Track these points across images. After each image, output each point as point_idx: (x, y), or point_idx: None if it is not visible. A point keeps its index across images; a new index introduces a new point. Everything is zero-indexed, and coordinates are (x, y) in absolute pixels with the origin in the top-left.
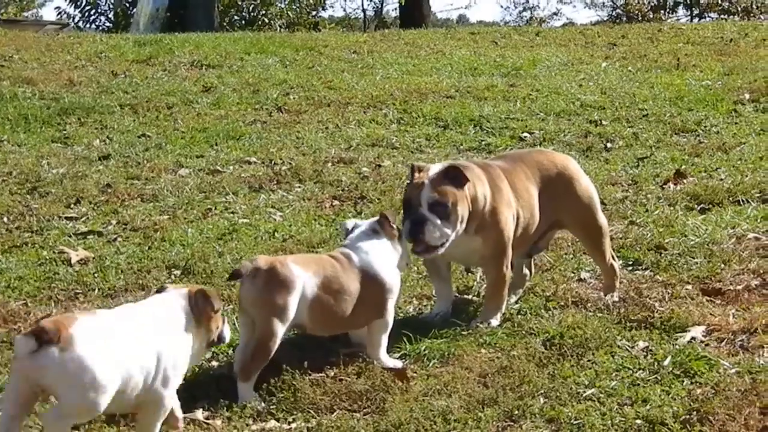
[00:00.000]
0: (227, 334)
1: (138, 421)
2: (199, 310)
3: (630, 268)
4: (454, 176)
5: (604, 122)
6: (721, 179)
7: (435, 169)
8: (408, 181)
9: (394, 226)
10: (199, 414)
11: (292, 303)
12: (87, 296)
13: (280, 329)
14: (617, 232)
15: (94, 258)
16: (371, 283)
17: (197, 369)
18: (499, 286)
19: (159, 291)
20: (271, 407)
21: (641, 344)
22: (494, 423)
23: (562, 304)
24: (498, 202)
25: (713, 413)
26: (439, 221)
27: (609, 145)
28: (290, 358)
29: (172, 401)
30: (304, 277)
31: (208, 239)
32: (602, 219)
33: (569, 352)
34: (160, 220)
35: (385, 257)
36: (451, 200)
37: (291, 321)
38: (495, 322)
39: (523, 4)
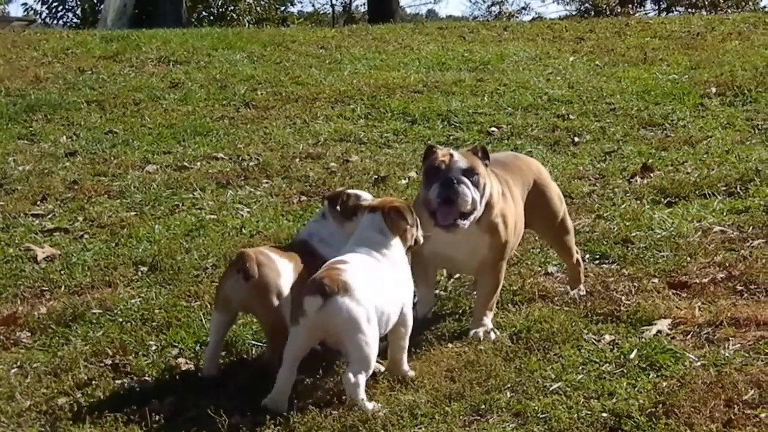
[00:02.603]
0: (421, 238)
1: (391, 340)
2: (396, 226)
3: (597, 261)
4: (483, 153)
5: (571, 116)
6: (688, 173)
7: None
8: (426, 157)
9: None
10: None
11: (285, 285)
12: (53, 293)
13: (284, 309)
14: (584, 226)
15: (60, 255)
16: None
17: (164, 366)
18: (494, 293)
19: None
20: (239, 403)
21: (607, 338)
22: (461, 417)
23: (529, 298)
24: (507, 207)
25: (679, 406)
26: (471, 185)
27: (576, 139)
28: (256, 355)
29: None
30: (281, 260)
31: (176, 235)
32: (569, 219)
33: (536, 346)
34: (127, 217)
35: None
36: (481, 171)
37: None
38: (489, 323)
39: None
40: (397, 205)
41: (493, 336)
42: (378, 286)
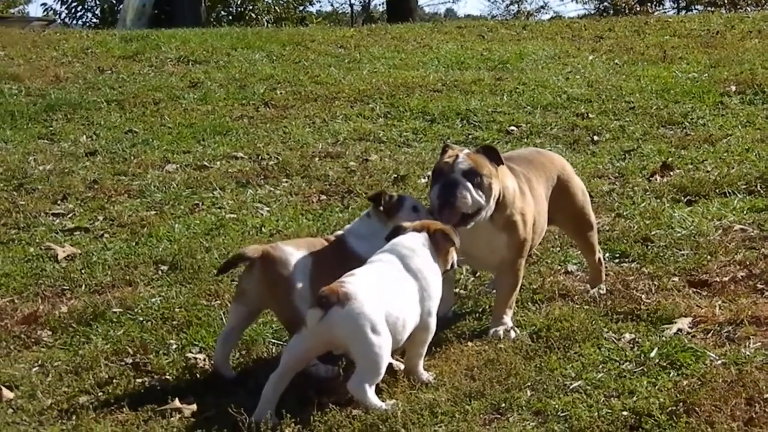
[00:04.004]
0: (456, 262)
1: (408, 345)
2: (440, 245)
3: (617, 260)
4: (491, 154)
5: (590, 115)
6: (708, 171)
7: (468, 150)
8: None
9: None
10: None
11: (298, 278)
12: (74, 292)
13: (299, 302)
14: (604, 224)
15: (80, 254)
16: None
17: (184, 365)
18: (513, 291)
19: (397, 232)
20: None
21: (628, 336)
22: (481, 416)
23: (549, 296)
24: (526, 204)
25: (700, 404)
26: (472, 187)
27: (596, 138)
28: (276, 354)
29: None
30: (297, 254)
31: (195, 234)
32: (592, 215)
33: (556, 345)
34: (147, 216)
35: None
36: (486, 172)
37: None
38: (509, 322)
39: None
40: (443, 228)
41: (513, 334)
42: (390, 294)
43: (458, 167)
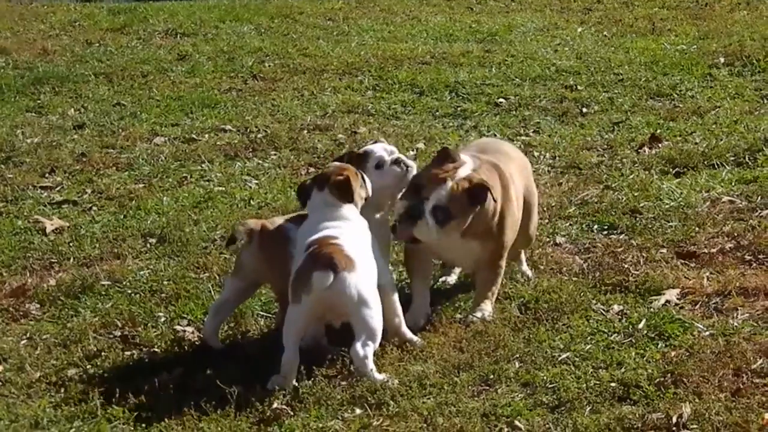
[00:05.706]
0: (370, 191)
1: (384, 309)
2: (346, 195)
3: (605, 232)
4: (477, 194)
5: (579, 87)
6: (696, 143)
7: (465, 171)
8: (433, 161)
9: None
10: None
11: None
12: (62, 265)
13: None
14: (592, 196)
15: (69, 227)
16: None
17: (172, 337)
18: (492, 285)
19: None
20: (248, 374)
21: (616, 308)
22: (470, 387)
23: (538, 268)
24: (506, 211)
25: (687, 375)
26: (432, 224)
27: (584, 110)
28: (266, 326)
29: None
30: (294, 229)
31: (184, 207)
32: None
33: (544, 317)
34: (135, 189)
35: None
36: (456, 214)
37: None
38: (488, 310)
39: None
40: (338, 179)
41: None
42: (370, 256)
43: (434, 197)
